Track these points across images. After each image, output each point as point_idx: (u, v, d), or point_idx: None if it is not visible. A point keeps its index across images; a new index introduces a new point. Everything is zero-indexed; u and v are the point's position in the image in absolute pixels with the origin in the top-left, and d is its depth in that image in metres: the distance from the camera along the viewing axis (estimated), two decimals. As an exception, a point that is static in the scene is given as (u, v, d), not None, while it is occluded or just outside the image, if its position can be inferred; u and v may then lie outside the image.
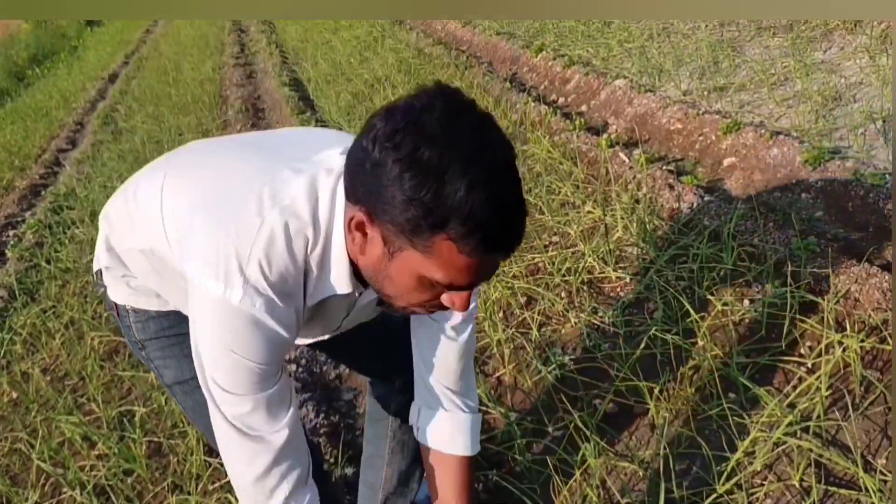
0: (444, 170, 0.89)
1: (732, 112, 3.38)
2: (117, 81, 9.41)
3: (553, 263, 2.71)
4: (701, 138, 3.28)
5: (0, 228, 5.21)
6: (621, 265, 2.60)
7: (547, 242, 2.92)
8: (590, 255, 2.65)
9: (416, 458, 1.65)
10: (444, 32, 6.77)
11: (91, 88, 9.36)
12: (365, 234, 1.01)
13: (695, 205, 2.71)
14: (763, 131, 3.01)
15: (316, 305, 1.15)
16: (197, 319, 1.11)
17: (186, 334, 1.30)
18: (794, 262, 2.20)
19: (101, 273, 1.39)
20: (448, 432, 1.41)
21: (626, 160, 3.23)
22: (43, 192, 5.79)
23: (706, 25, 4.58)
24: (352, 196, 1.01)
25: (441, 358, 1.36)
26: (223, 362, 1.10)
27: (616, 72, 4.26)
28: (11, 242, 4.77)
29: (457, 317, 1.31)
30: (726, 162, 3.05)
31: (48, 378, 3.03)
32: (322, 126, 5.01)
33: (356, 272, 1.10)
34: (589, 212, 2.92)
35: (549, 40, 5.21)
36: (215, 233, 1.07)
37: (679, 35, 4.53)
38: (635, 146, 3.48)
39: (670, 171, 3.03)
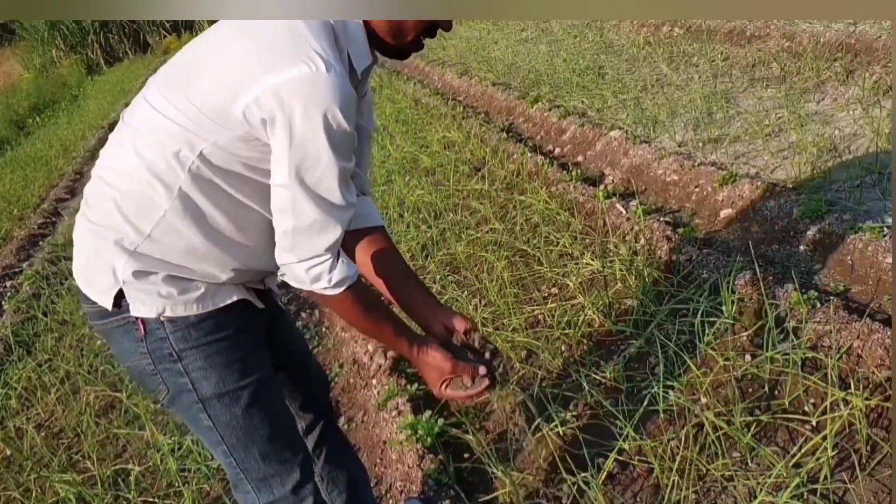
0: None
1: (728, 163, 3.41)
2: (117, 130, 9.47)
3: (553, 316, 2.70)
4: (697, 189, 3.30)
5: (-3, 279, 5.20)
6: (621, 318, 2.59)
7: (546, 294, 2.91)
8: (589, 308, 2.65)
9: (351, 484, 1.79)
10: (441, 83, 6.86)
11: (91, 137, 9.43)
12: None
13: (693, 257, 2.72)
14: (759, 183, 3.03)
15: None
16: (296, 111, 1.18)
17: (229, 339, 1.41)
18: (794, 316, 2.20)
19: (120, 295, 1.33)
20: (373, 211, 1.58)
21: (624, 211, 3.24)
22: (41, 243, 5.79)
23: (699, 77, 4.65)
24: None
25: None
26: (328, 129, 1.20)
27: (611, 123, 4.31)
28: (8, 294, 4.75)
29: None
30: (723, 214, 3.06)
31: (43, 434, 2.99)
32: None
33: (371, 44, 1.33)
34: (587, 263, 2.92)
35: (544, 91, 5.28)
36: (266, 42, 1.21)
37: (673, 87, 4.60)
38: (632, 197, 3.50)
39: (668, 223, 3.05)
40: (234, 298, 1.41)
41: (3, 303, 4.61)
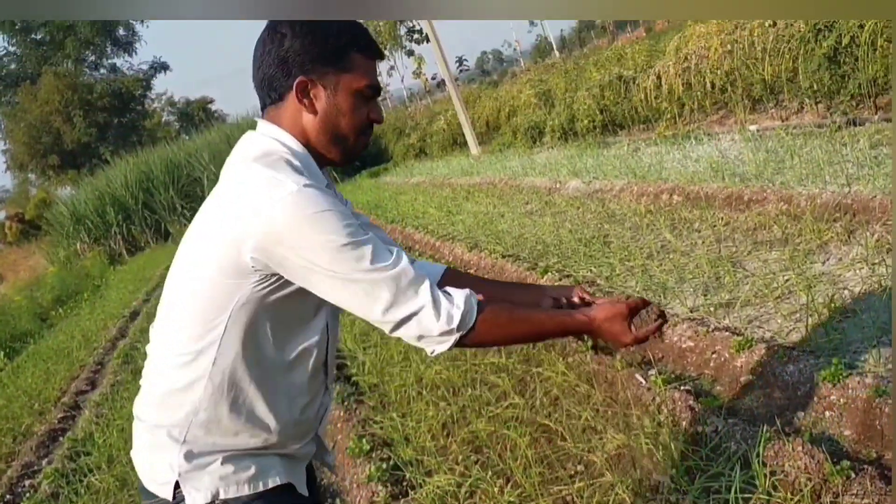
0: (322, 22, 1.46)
1: (741, 328, 3.45)
2: (138, 319, 9.66)
3: (581, 497, 2.63)
4: (714, 356, 3.31)
5: (17, 478, 5.13)
6: (651, 498, 2.52)
7: (572, 472, 2.85)
8: (619, 487, 2.59)
9: None
10: (451, 257, 7.06)
11: (112, 327, 9.60)
12: (310, 95, 1.44)
13: (719, 428, 2.68)
14: (776, 347, 3.05)
15: None
16: (285, 233, 1.32)
17: None
18: (830, 489, 2.14)
19: (176, 485, 1.43)
20: (429, 268, 1.88)
21: (643, 381, 3.24)
22: (61, 438, 5.76)
23: (703, 242, 4.79)
24: (278, 90, 1.46)
25: None
26: (328, 227, 1.33)
27: (620, 290, 4.39)
28: (27, 495, 4.67)
29: None
30: (743, 380, 3.06)
31: None
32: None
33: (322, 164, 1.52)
34: (612, 437, 2.88)
35: (553, 262, 5.42)
36: (239, 189, 1.39)
37: (678, 253, 4.72)
38: (650, 365, 3.50)
39: (689, 392, 3.03)
40: (282, 481, 1.51)
41: (22, 503, 4.52)
